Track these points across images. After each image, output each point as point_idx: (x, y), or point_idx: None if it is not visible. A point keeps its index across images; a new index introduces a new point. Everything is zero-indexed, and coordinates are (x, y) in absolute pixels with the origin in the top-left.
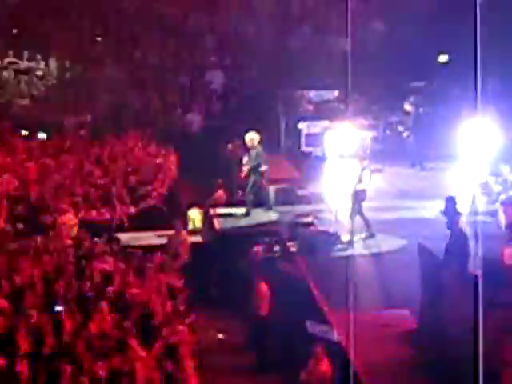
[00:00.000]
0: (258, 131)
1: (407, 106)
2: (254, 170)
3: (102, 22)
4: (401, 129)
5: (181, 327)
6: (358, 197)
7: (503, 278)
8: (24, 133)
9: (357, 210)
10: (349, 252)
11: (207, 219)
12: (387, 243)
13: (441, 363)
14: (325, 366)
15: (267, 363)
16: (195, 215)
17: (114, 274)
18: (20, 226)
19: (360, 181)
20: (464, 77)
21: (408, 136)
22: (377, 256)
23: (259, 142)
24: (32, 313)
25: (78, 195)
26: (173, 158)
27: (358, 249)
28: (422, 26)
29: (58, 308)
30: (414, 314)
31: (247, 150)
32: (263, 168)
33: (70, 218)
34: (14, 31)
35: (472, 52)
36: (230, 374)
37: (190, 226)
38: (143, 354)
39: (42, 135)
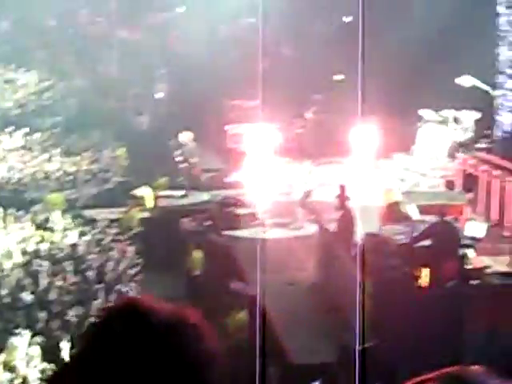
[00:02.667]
0: (192, 131)
1: (308, 115)
2: (188, 160)
3: (72, 43)
4: (302, 131)
5: (131, 283)
6: (306, 195)
7: (382, 248)
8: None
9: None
10: (265, 229)
11: (154, 199)
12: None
13: (333, 312)
14: (243, 315)
15: (199, 310)
16: (147, 194)
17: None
18: None
19: (307, 183)
20: (354, 92)
21: (307, 137)
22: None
23: (193, 140)
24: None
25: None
26: (121, 152)
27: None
28: (321, 50)
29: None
30: (312, 274)
31: (183, 145)
32: (195, 160)
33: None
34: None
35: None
36: None
37: (143, 203)
38: None
39: (25, 129)
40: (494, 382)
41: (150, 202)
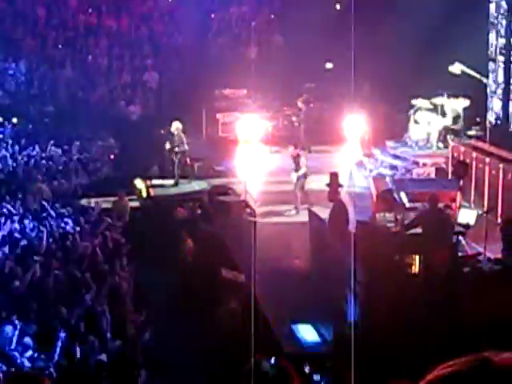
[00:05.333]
0: (181, 120)
1: (299, 103)
2: (179, 150)
3: (62, 33)
4: (294, 120)
5: (123, 273)
6: (300, 179)
7: (373, 236)
8: None
9: (299, 186)
10: (257, 217)
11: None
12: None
13: (326, 300)
14: (235, 302)
15: (191, 300)
16: (141, 185)
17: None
18: None
19: (298, 167)
20: (344, 80)
21: (299, 125)
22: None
23: (182, 129)
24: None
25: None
26: (112, 141)
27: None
28: (312, 38)
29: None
30: (304, 263)
31: (173, 135)
32: (186, 148)
33: (39, 186)
34: None
35: (351, 61)
36: (160, 308)
37: (139, 194)
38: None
39: (14, 120)
40: None
41: (143, 192)
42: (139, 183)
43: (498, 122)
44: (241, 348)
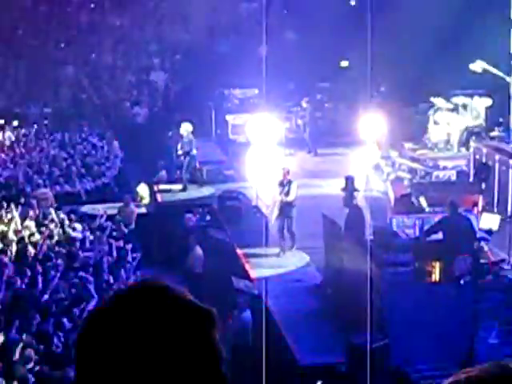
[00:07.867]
0: (191, 122)
1: (304, 103)
2: (188, 153)
3: (64, 32)
4: (300, 122)
5: (129, 282)
6: (286, 211)
7: (392, 242)
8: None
9: (286, 225)
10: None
11: (152, 194)
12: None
13: (341, 311)
14: (247, 315)
15: None
16: (143, 191)
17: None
18: None
19: (287, 193)
20: (361, 79)
21: (304, 128)
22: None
23: (192, 132)
24: None
25: (44, 174)
26: (116, 144)
27: None
28: (327, 35)
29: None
30: (319, 271)
31: (182, 137)
32: (194, 152)
33: (44, 192)
34: None
35: (367, 59)
36: None
37: (139, 200)
38: None
39: (15, 122)
40: None
41: (146, 199)
42: (141, 189)
43: None
44: (254, 361)
